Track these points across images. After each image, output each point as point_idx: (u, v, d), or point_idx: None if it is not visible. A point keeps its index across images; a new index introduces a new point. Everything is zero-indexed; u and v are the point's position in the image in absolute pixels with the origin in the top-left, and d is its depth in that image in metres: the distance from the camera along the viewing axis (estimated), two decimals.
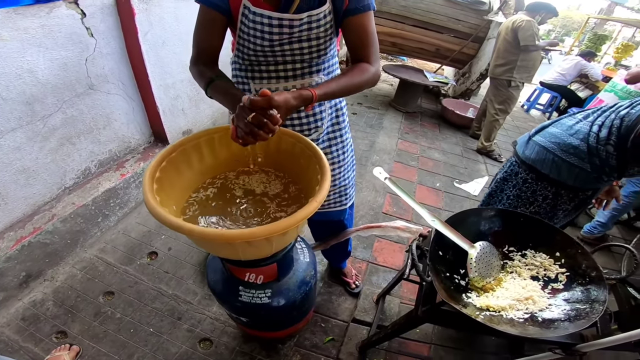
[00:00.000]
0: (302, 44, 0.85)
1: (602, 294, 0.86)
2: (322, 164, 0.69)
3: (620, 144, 1.22)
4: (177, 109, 2.20)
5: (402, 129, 3.81)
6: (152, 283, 1.66)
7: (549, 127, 1.41)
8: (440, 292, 0.80)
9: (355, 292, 1.79)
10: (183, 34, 2.03)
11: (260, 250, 0.66)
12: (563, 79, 4.86)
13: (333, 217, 1.30)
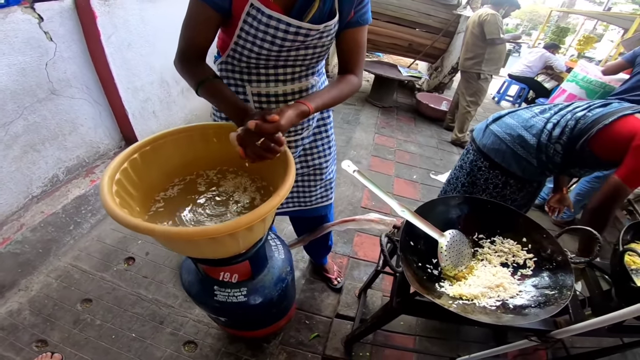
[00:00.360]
0: (308, 50, 0.85)
1: (568, 278, 0.87)
2: (288, 161, 0.70)
3: (570, 144, 1.26)
4: (148, 112, 2.15)
5: (379, 123, 3.86)
6: (130, 288, 1.63)
7: (505, 117, 1.45)
8: (412, 282, 0.79)
9: (337, 288, 1.81)
10: (150, 36, 1.98)
11: (227, 248, 0.66)
12: (530, 71, 5.05)
13: (320, 213, 1.31)
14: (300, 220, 1.40)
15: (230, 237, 0.59)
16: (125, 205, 0.62)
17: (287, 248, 1.08)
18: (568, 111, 1.31)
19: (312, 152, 1.12)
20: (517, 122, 1.38)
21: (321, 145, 1.12)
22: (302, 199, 1.23)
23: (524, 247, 1.01)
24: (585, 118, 1.25)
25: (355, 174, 0.90)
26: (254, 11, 0.73)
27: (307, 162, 1.13)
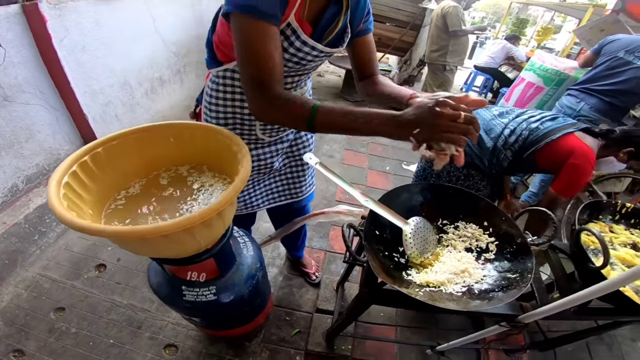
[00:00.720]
0: (317, 63, 0.89)
1: (529, 261, 0.88)
2: (244, 152, 0.70)
3: (519, 152, 1.38)
4: (110, 116, 2.07)
5: None
6: (104, 295, 1.60)
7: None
8: (378, 271, 0.78)
9: (315, 283, 1.83)
10: (106, 38, 1.91)
11: (186, 246, 0.65)
12: (493, 62, 5.24)
13: (307, 201, 1.36)
14: (283, 214, 1.40)
15: (186, 234, 0.58)
16: (75, 208, 0.61)
17: (256, 245, 1.08)
18: (524, 119, 1.41)
19: (297, 144, 1.15)
20: (480, 122, 1.46)
21: (304, 135, 1.16)
22: (293, 190, 1.26)
23: (485, 231, 1.02)
24: (537, 131, 1.36)
25: (317, 166, 0.91)
26: (289, 31, 0.73)
27: (294, 153, 1.17)
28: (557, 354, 1.65)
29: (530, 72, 2.83)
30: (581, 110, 2.24)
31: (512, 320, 0.95)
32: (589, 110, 2.21)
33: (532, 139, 1.36)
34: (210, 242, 0.75)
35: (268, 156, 1.06)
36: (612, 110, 2.16)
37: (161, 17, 2.27)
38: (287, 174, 1.21)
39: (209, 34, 0.88)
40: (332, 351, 1.50)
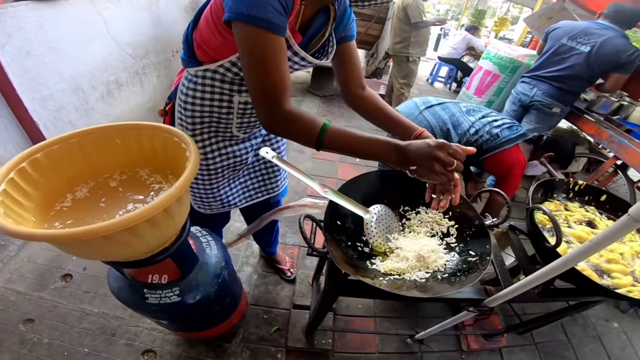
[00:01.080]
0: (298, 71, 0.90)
1: (487, 243, 0.89)
2: (191, 150, 0.68)
3: (477, 153, 1.46)
4: (63, 122, 1.96)
5: (320, 112, 3.92)
6: (73, 305, 1.55)
7: (436, 107, 1.59)
8: (339, 262, 0.77)
9: (291, 279, 1.82)
10: (52, 42, 1.81)
11: (132, 247, 0.63)
12: (456, 53, 5.42)
13: (282, 195, 1.37)
14: (258, 210, 1.37)
15: (130, 235, 0.57)
16: (13, 215, 0.58)
17: (220, 243, 1.07)
18: (488, 122, 1.52)
19: (270, 139, 1.16)
20: (448, 116, 1.54)
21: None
22: (269, 185, 1.25)
23: (445, 215, 1.03)
24: (496, 138, 1.49)
25: (274, 160, 0.90)
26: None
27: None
28: (534, 336, 1.76)
29: (487, 61, 2.95)
30: (534, 95, 2.37)
31: (478, 304, 0.96)
32: (541, 96, 2.34)
33: (490, 145, 1.50)
34: (162, 243, 0.73)
35: (243, 152, 1.06)
36: (563, 95, 2.29)
37: (113, 19, 2.17)
38: (262, 169, 1.21)
39: (189, 31, 0.84)
40: (313, 346, 1.51)
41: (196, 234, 1.07)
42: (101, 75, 2.19)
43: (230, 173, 1.09)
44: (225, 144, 1.01)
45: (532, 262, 1.12)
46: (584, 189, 1.29)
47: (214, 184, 1.07)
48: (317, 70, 4.35)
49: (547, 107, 2.33)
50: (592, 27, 2.15)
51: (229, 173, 1.09)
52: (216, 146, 1.00)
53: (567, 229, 1.16)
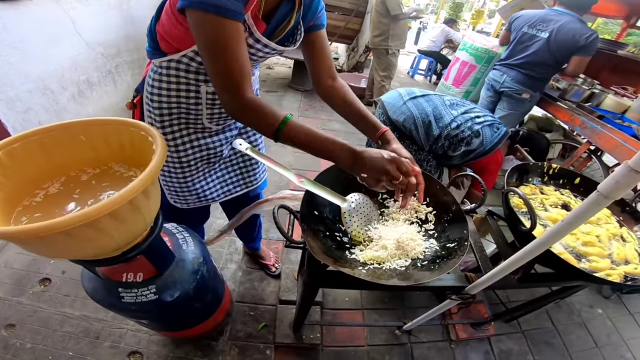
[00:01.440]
0: (266, 58, 0.88)
1: (464, 228, 0.89)
2: (158, 143, 0.66)
3: (453, 147, 1.52)
4: (32, 123, 1.88)
5: (302, 107, 3.90)
6: (54, 309, 1.52)
7: (420, 99, 1.60)
8: (317, 252, 0.76)
9: (276, 274, 1.81)
10: (17, 42, 1.74)
11: (97, 243, 0.61)
12: (435, 46, 5.48)
13: (262, 188, 1.36)
14: (238, 204, 1.35)
15: (93, 230, 0.55)
16: None
17: (197, 239, 1.05)
18: (470, 118, 1.54)
19: (247, 131, 1.14)
20: (430, 108, 1.54)
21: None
22: (247, 179, 1.24)
23: (423, 201, 1.02)
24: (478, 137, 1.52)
25: (247, 151, 0.89)
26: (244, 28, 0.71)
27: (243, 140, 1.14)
28: (521, 324, 1.79)
29: (463, 52, 3.00)
30: (504, 82, 2.46)
31: (460, 292, 0.96)
32: (510, 82, 2.43)
33: (480, 152, 1.54)
34: (132, 239, 0.71)
35: (217, 144, 1.03)
36: (531, 81, 2.38)
37: (82, 19, 2.10)
38: (239, 163, 1.19)
39: (152, 24, 0.83)
40: (302, 341, 1.50)
41: (172, 230, 1.04)
42: (71, 75, 2.11)
43: (204, 166, 1.07)
44: (197, 136, 0.98)
45: (511, 247, 1.12)
46: (558, 172, 1.31)
47: (187, 177, 1.04)
48: (298, 66, 4.32)
49: (516, 93, 2.43)
50: (549, 14, 2.24)
51: (203, 166, 1.07)
52: (187, 138, 0.97)
53: (543, 212, 1.17)
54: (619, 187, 0.52)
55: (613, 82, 2.98)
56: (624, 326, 1.92)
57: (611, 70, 3.14)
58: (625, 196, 1.18)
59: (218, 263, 1.85)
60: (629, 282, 0.96)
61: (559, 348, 1.74)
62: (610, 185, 0.52)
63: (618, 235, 1.12)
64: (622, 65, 3.04)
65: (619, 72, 3.08)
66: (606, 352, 1.76)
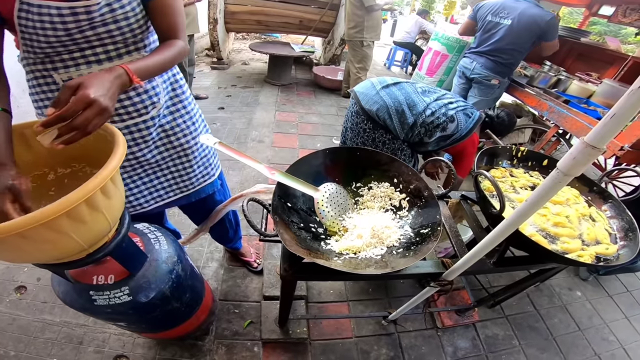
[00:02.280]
0: (109, 26, 0.77)
1: (436, 213, 0.89)
2: (117, 141, 0.64)
3: (429, 134, 1.53)
4: None
5: (279, 101, 3.86)
6: (32, 316, 1.48)
7: (392, 87, 1.60)
8: (289, 244, 0.75)
9: (258, 270, 1.80)
10: None
11: (58, 245, 0.59)
12: (409, 37, 5.53)
13: (207, 192, 1.26)
14: (191, 208, 1.32)
15: (51, 232, 0.52)
16: None
17: (171, 238, 1.02)
18: (444, 104, 1.54)
19: (175, 132, 1.05)
20: (403, 96, 1.54)
21: (183, 123, 1.06)
22: (181, 183, 1.16)
23: (396, 188, 1.03)
24: (452, 122, 1.53)
25: (216, 146, 0.87)
26: (24, 6, 0.68)
27: (172, 143, 1.06)
28: (504, 309, 1.83)
29: (435, 42, 3.04)
30: (474, 69, 2.54)
31: (436, 278, 0.96)
32: (480, 69, 2.51)
33: (456, 137, 1.55)
34: (96, 240, 0.68)
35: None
36: (499, 67, 2.47)
37: None
38: (170, 167, 1.11)
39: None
40: (289, 336, 1.49)
41: (143, 230, 1.00)
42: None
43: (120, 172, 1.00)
44: None
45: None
46: (526, 155, 1.33)
47: None
48: (274, 60, 4.27)
49: (486, 79, 2.51)
50: (508, 1, 2.34)
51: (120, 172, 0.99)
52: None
53: (513, 194, 1.18)
54: (577, 163, 0.52)
55: (578, 68, 3.10)
56: (604, 308, 1.98)
57: (576, 57, 3.26)
58: (593, 176, 1.22)
59: (199, 262, 1.82)
60: (600, 263, 0.96)
61: (543, 332, 1.78)
62: (569, 162, 0.53)
63: (587, 215, 1.14)
64: (586, 53, 3.17)
65: (583, 59, 3.20)
66: (589, 335, 1.81)
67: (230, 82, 4.29)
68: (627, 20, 3.23)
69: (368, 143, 1.64)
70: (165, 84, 0.99)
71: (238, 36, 6.66)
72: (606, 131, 0.48)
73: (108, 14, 0.75)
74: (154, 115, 0.97)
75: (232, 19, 4.45)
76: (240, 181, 2.36)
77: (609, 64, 2.98)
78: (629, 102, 0.44)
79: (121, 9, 0.76)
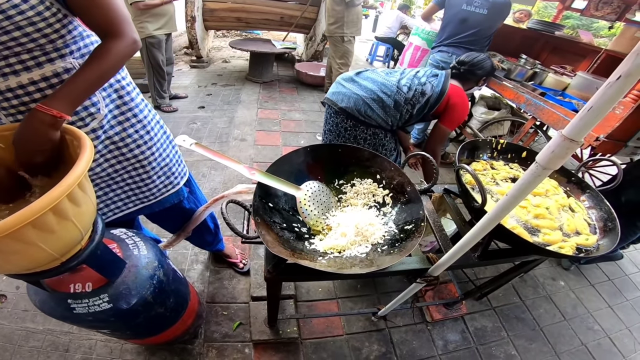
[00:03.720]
0: (12, 34, 0.67)
1: (420, 208, 0.88)
2: (81, 144, 0.60)
3: (417, 106, 1.52)
4: None
5: (261, 99, 3.81)
6: (15, 324, 1.44)
7: (357, 78, 1.59)
8: (271, 245, 0.74)
9: (245, 271, 1.77)
10: None
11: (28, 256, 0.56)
12: (391, 32, 5.55)
13: (172, 201, 1.17)
14: (157, 216, 1.24)
15: (15, 241, 0.50)
16: None
17: (150, 243, 0.98)
18: (413, 76, 1.54)
19: (127, 143, 0.96)
20: (372, 84, 1.52)
21: (135, 133, 0.96)
22: (140, 195, 1.08)
23: (379, 184, 1.02)
24: (425, 86, 1.51)
25: (192, 147, 0.83)
26: None
27: (124, 155, 0.97)
28: (491, 301, 1.85)
29: (416, 37, 3.05)
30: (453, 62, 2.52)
31: (422, 274, 0.96)
32: None
33: (429, 96, 1.52)
34: (68, 248, 0.65)
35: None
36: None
37: None
38: (125, 179, 1.03)
39: None
40: (279, 336, 1.48)
41: (120, 236, 0.97)
42: None
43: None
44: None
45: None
46: (506, 147, 1.35)
47: None
48: (255, 57, 4.21)
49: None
50: None
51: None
52: None
53: (495, 187, 1.19)
54: (555, 156, 0.53)
55: (553, 62, 3.19)
56: (587, 297, 2.03)
57: (551, 51, 3.35)
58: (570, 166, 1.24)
59: (183, 265, 1.77)
60: (581, 254, 0.96)
61: (529, 323, 1.81)
62: (548, 156, 0.53)
63: (567, 205, 1.15)
64: (561, 46, 3.26)
65: (557, 52, 3.29)
66: (575, 325, 1.84)
67: (210, 80, 4.21)
68: (599, 13, 3.33)
69: (350, 142, 1.63)
70: (106, 91, 0.89)
71: (218, 34, 6.54)
72: (584, 124, 0.48)
73: (5, 22, 0.65)
74: (95, 127, 0.87)
75: (210, 16, 4.36)
76: (223, 181, 2.31)
77: (582, 57, 3.08)
78: (606, 95, 0.44)
79: (20, 15, 0.66)
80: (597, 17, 3.41)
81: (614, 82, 0.43)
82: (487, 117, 3.02)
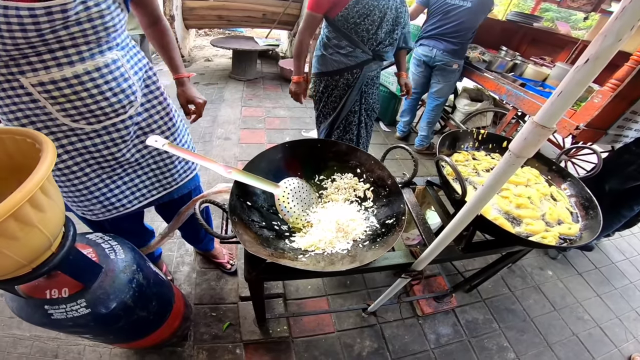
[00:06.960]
0: (83, 25, 0.73)
1: (401, 202, 0.87)
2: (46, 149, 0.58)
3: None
4: None
5: (245, 97, 3.77)
6: (2, 331, 1.42)
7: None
8: (249, 245, 0.72)
9: (232, 271, 1.75)
10: None
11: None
12: None
13: (190, 187, 1.25)
14: (171, 206, 1.26)
15: None
16: None
17: (128, 247, 0.96)
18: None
19: (153, 129, 1.02)
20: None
21: (160, 119, 1.03)
22: (163, 180, 1.12)
23: (360, 178, 1.01)
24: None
25: (165, 147, 0.81)
26: None
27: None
28: (481, 293, 1.85)
29: None
30: (435, 56, 2.55)
31: (406, 269, 0.95)
32: (442, 55, 2.53)
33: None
34: (34, 255, 0.62)
35: (101, 147, 0.90)
36: (460, 50, 2.52)
37: None
38: (150, 165, 1.07)
39: None
40: (269, 336, 1.47)
41: (96, 240, 0.94)
42: None
43: (98, 171, 0.95)
44: (72, 139, 0.86)
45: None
46: (487, 137, 1.35)
47: (77, 184, 0.93)
48: (238, 55, 4.15)
49: (447, 65, 2.55)
50: None
51: (96, 171, 0.95)
52: (57, 143, 0.86)
53: (476, 177, 1.19)
54: (529, 144, 0.52)
55: (532, 53, 3.24)
56: (575, 287, 2.05)
57: (530, 42, 3.40)
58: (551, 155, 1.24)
59: (169, 267, 1.74)
60: (564, 244, 0.96)
61: (520, 314, 1.82)
62: (520, 143, 0.53)
63: (548, 194, 1.15)
64: (539, 38, 3.31)
65: (537, 44, 3.35)
66: (564, 315, 1.86)
67: (192, 79, 4.10)
68: (576, 4, 3.40)
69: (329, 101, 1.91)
70: (140, 80, 0.94)
71: (200, 32, 6.42)
72: (555, 109, 0.48)
73: (83, 12, 0.71)
74: (132, 114, 0.93)
75: (190, 14, 4.27)
76: (207, 181, 2.27)
77: (560, 48, 3.14)
78: (575, 79, 0.44)
79: (96, 6, 0.72)
80: (573, 9, 3.47)
81: (582, 66, 0.43)
82: (470, 108, 3.06)
